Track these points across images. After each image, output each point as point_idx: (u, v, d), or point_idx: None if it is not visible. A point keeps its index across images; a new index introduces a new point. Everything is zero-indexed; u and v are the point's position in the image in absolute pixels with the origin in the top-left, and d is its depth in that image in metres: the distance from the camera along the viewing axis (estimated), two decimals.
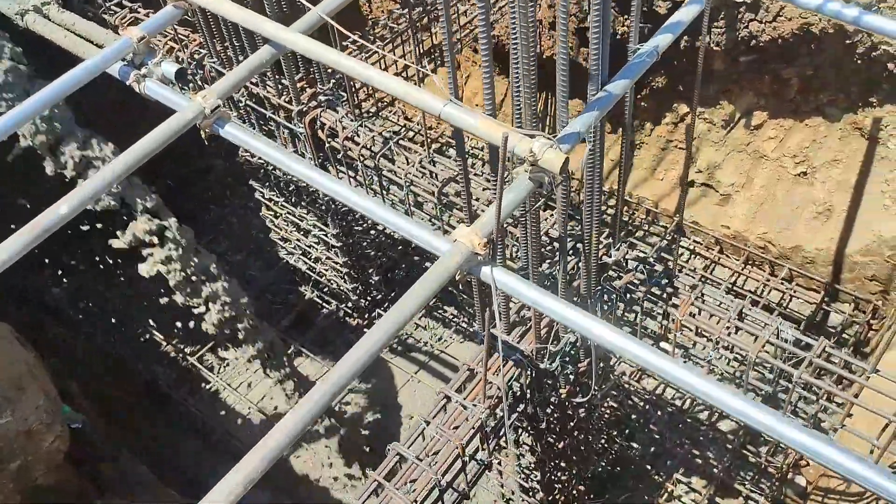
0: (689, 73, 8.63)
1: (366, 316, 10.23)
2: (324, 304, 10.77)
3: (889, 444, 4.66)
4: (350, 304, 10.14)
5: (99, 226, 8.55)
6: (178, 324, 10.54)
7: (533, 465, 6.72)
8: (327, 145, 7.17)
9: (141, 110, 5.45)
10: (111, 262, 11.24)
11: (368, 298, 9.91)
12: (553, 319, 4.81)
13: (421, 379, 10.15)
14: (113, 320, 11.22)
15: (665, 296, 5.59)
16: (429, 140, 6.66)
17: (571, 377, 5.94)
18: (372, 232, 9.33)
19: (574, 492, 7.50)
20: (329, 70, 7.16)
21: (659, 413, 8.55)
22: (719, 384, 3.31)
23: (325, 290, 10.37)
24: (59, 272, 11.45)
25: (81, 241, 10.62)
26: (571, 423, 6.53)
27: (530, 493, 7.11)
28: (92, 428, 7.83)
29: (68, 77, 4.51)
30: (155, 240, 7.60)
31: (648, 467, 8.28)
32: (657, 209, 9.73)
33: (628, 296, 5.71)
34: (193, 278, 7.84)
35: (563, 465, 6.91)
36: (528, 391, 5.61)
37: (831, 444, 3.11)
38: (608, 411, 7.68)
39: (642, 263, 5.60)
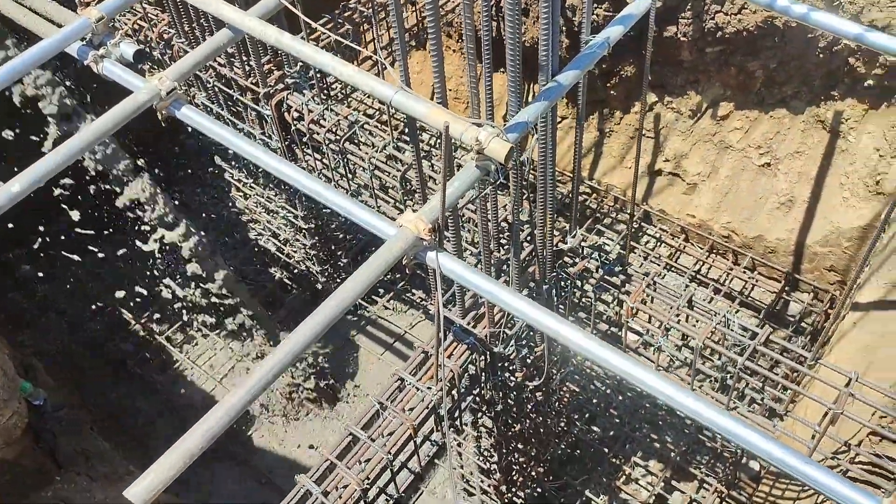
0: (658, 62, 8.71)
1: None
2: (293, 286, 10.82)
3: (827, 430, 4.81)
4: (319, 286, 10.20)
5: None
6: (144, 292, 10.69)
7: (491, 447, 6.84)
8: (293, 128, 7.20)
9: None
10: (84, 238, 11.24)
11: (338, 281, 9.98)
12: None
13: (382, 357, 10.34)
14: (83, 298, 11.22)
15: (619, 283, 5.70)
16: (392, 125, 6.70)
17: (528, 361, 6.04)
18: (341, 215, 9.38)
19: (532, 473, 7.63)
20: None
21: (620, 397, 8.70)
22: (660, 376, 3.41)
23: (295, 271, 10.42)
24: (30, 249, 11.41)
25: (54, 218, 10.64)
26: (529, 407, 6.65)
27: (489, 474, 7.23)
28: (54, 405, 7.88)
29: (25, 56, 4.52)
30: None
31: (606, 450, 8.43)
32: (625, 197, 9.84)
33: (583, 283, 5.82)
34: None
35: (520, 447, 7.04)
36: (484, 374, 5.71)
37: (769, 439, 3.23)
38: (568, 395, 7.81)
39: (597, 251, 5.69)
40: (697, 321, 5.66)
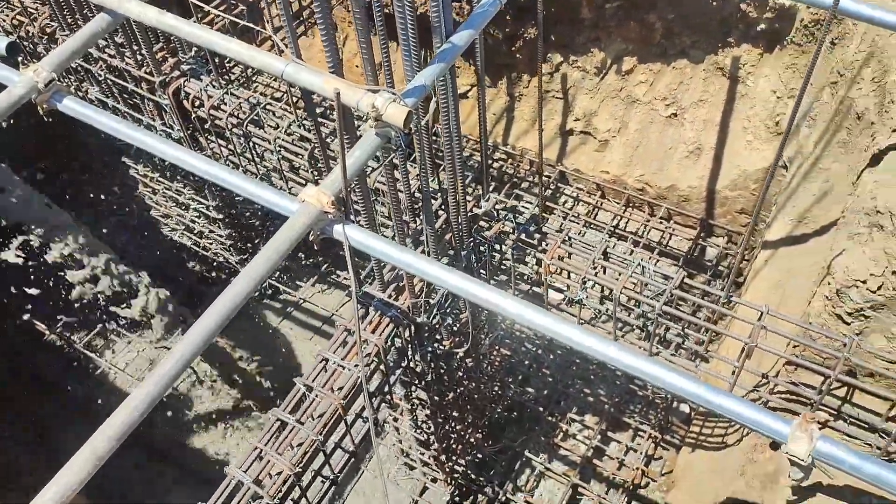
0: (561, 21, 8.75)
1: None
2: (213, 279, 10.57)
3: (744, 364, 4.95)
4: None
5: None
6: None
7: (427, 419, 6.83)
8: (194, 115, 6.97)
9: None
10: None
11: None
12: None
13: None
14: None
15: (536, 242, 5.72)
16: (295, 104, 6.54)
17: (454, 328, 6.03)
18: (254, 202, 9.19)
19: (471, 440, 7.67)
20: None
21: (551, 356, 8.80)
22: (581, 329, 3.43)
23: (214, 263, 10.17)
24: None
25: None
26: (460, 374, 6.66)
27: (427, 446, 7.24)
28: None
29: None
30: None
31: (542, 409, 8.54)
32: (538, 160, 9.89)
33: (501, 246, 5.82)
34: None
35: (456, 415, 7.05)
36: (410, 346, 5.67)
37: (686, 377, 3.29)
38: (499, 359, 7.86)
39: (511, 212, 5.70)
40: (620, 274, 5.74)
